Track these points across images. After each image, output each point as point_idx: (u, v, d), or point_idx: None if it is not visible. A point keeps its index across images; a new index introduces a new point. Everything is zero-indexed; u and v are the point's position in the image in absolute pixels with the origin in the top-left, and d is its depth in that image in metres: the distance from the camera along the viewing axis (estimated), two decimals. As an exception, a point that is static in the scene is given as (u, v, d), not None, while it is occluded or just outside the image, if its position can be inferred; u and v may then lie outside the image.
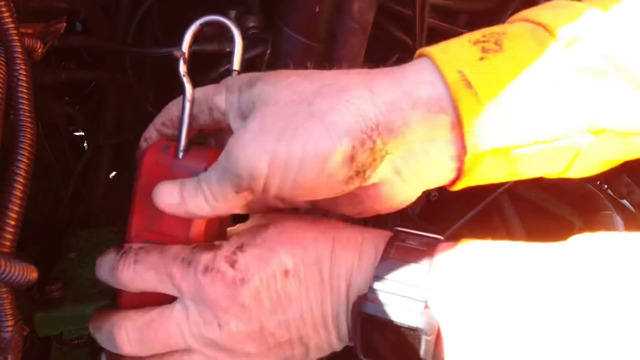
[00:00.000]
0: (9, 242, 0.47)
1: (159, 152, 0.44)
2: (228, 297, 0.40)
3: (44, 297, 0.78)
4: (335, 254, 0.43)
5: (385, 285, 0.39)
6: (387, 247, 0.42)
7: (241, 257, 0.41)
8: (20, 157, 0.48)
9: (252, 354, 0.42)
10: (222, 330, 0.40)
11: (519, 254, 0.38)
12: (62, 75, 0.85)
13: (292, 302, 0.41)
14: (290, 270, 0.41)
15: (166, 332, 0.41)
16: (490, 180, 0.44)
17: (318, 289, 0.42)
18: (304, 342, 0.43)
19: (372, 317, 0.39)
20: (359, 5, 0.65)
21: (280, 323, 0.41)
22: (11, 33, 0.49)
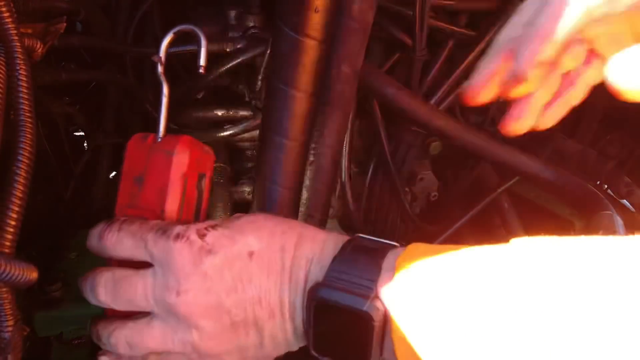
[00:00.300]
0: (9, 242, 0.47)
1: (140, 140, 0.49)
2: (192, 263, 0.42)
3: (44, 297, 0.78)
4: (298, 246, 0.45)
5: (339, 275, 0.41)
6: (345, 245, 0.44)
7: (212, 233, 0.44)
8: (20, 157, 0.48)
9: (206, 331, 0.43)
10: (180, 297, 0.42)
11: (462, 254, 0.39)
12: (62, 75, 0.85)
13: (251, 283, 0.43)
14: (255, 253, 0.44)
15: (134, 290, 0.44)
16: None
17: (278, 275, 0.44)
18: (258, 327, 0.44)
19: (325, 301, 0.40)
20: (359, 5, 0.65)
21: (237, 301, 0.43)
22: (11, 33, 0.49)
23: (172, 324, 0.44)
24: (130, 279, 0.45)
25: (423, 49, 0.82)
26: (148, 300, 0.44)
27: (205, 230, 0.44)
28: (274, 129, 0.63)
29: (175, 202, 0.47)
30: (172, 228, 0.44)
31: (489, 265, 0.37)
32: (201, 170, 0.52)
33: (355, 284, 0.40)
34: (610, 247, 0.35)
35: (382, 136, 0.89)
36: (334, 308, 0.40)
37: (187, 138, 0.49)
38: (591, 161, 1.09)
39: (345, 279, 0.41)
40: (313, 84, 0.62)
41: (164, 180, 0.47)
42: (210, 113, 0.87)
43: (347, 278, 0.41)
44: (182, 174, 0.47)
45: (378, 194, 0.99)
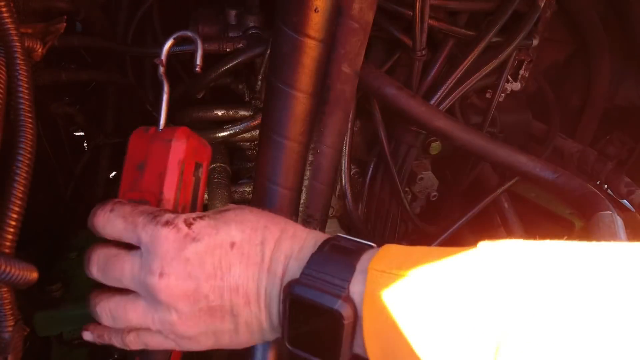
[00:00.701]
0: (9, 242, 0.47)
1: (142, 132, 0.53)
2: (176, 248, 0.45)
3: (44, 297, 0.78)
4: (279, 242, 0.47)
5: (314, 273, 0.43)
6: (323, 244, 0.46)
7: (198, 222, 0.46)
8: (20, 157, 0.48)
9: (183, 313, 0.45)
10: (162, 280, 0.44)
11: (431, 256, 0.40)
12: (62, 75, 0.85)
13: (230, 272, 0.45)
14: (236, 243, 0.46)
15: (120, 269, 0.47)
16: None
17: (257, 267, 0.46)
18: (234, 314, 0.46)
19: (299, 298, 0.42)
20: (359, 5, 0.65)
21: (215, 288, 0.45)
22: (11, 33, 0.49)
23: (154, 304, 0.46)
24: (120, 258, 0.47)
25: (423, 49, 0.82)
26: (132, 281, 0.46)
27: (192, 220, 0.46)
28: (274, 129, 0.63)
29: (173, 185, 0.51)
30: (163, 215, 0.47)
31: (453, 270, 0.38)
32: (198, 160, 0.55)
33: (329, 283, 0.42)
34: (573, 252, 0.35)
35: (382, 136, 0.89)
36: (308, 305, 0.42)
37: (184, 129, 0.52)
38: (591, 161, 1.09)
39: (320, 277, 0.42)
40: (313, 84, 0.62)
41: (163, 165, 0.50)
42: (210, 113, 0.87)
43: (322, 277, 0.42)
44: (179, 160, 0.51)
45: (378, 194, 0.99)
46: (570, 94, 1.24)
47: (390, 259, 0.42)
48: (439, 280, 0.38)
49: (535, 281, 0.34)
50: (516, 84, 1.00)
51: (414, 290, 0.38)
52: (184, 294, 0.45)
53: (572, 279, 0.33)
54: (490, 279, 0.36)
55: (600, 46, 1.12)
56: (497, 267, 0.36)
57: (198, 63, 0.57)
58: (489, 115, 0.95)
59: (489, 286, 0.35)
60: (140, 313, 0.47)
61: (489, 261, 0.37)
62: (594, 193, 0.78)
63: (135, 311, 0.47)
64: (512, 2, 0.84)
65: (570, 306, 0.32)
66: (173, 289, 0.44)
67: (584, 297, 0.32)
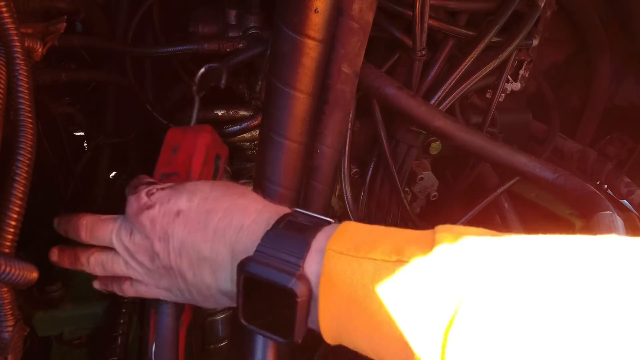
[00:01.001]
0: (9, 242, 0.47)
1: (177, 128, 0.66)
2: (136, 214, 0.52)
3: (44, 297, 0.78)
4: (227, 212, 0.49)
5: (268, 251, 0.43)
6: (279, 220, 0.46)
7: (157, 192, 0.53)
8: (20, 157, 0.49)
9: (147, 267, 0.52)
10: (131, 237, 0.52)
11: (386, 237, 0.42)
12: (62, 75, 0.85)
13: (174, 237, 0.49)
14: (182, 211, 0.50)
15: (104, 230, 0.54)
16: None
17: (199, 235, 0.49)
18: (181, 275, 0.50)
19: (252, 276, 0.43)
20: (359, 5, 0.65)
21: (164, 249, 0.50)
22: (11, 33, 0.49)
23: (128, 258, 0.53)
24: (102, 223, 0.55)
25: (423, 49, 0.82)
26: (112, 240, 0.53)
27: (154, 190, 0.53)
28: (274, 129, 0.63)
29: (199, 163, 0.61)
30: (140, 186, 0.54)
31: (410, 252, 0.39)
32: (219, 152, 0.67)
33: (283, 261, 0.42)
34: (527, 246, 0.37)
35: (382, 136, 0.89)
36: (262, 283, 0.43)
37: (209, 126, 0.66)
38: (591, 161, 1.09)
39: (274, 255, 0.43)
40: (313, 84, 0.62)
41: (192, 148, 0.62)
42: (210, 113, 0.87)
43: (276, 254, 0.43)
44: (205, 145, 0.63)
45: (378, 194, 0.99)
46: (570, 94, 1.24)
47: (348, 239, 0.42)
48: (395, 263, 0.39)
49: (488, 254, 0.36)
50: (516, 84, 1.00)
51: (371, 274, 0.39)
52: (144, 251, 0.51)
53: (520, 255, 0.36)
54: (448, 258, 0.37)
55: (600, 46, 1.12)
56: (454, 247, 0.38)
57: (223, 82, 0.76)
58: (489, 115, 0.95)
59: (446, 265, 0.37)
60: (123, 266, 0.54)
61: (446, 244, 0.38)
62: (594, 193, 0.78)
63: (118, 264, 0.54)
64: (512, 2, 0.84)
65: (518, 277, 0.34)
66: (138, 246, 0.51)
67: (529, 266, 0.34)
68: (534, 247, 0.36)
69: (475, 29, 0.86)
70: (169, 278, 0.52)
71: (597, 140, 1.26)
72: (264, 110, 0.66)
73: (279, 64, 0.61)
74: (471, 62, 0.86)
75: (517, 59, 0.96)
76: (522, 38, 0.87)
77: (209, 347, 0.82)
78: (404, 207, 0.97)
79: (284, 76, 0.61)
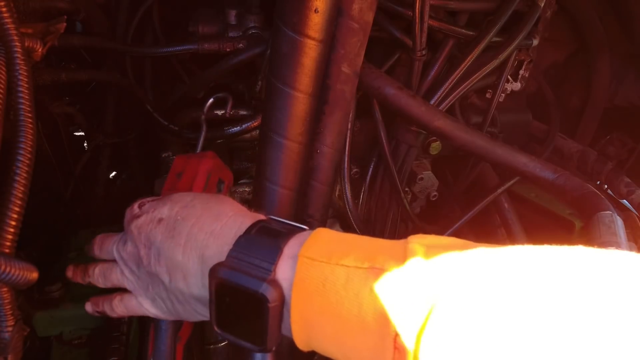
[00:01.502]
0: (9, 242, 0.47)
1: (183, 156, 0.69)
2: (128, 224, 0.55)
3: (44, 297, 0.78)
4: (199, 219, 0.50)
5: (240, 256, 0.43)
6: (251, 227, 0.47)
7: (147, 203, 0.56)
8: (20, 157, 0.49)
9: (135, 273, 0.55)
10: (125, 246, 0.55)
11: (358, 243, 0.42)
12: (62, 75, 0.85)
13: (155, 244, 0.51)
14: (164, 220, 0.52)
15: (109, 243, 0.58)
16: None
17: (173, 241, 0.50)
18: (162, 281, 0.52)
19: (224, 282, 0.43)
20: (359, 5, 0.65)
21: (146, 254, 0.52)
22: (11, 33, 0.49)
23: (122, 266, 0.56)
24: (111, 236, 0.59)
25: (423, 49, 0.82)
26: (114, 253, 0.57)
27: (146, 202, 0.56)
28: (274, 129, 0.63)
29: (199, 188, 0.63)
30: (137, 201, 0.57)
31: (383, 258, 0.39)
32: (222, 177, 0.69)
33: (255, 266, 0.43)
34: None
35: (382, 136, 0.89)
36: (233, 288, 0.43)
37: (212, 153, 0.68)
38: (591, 161, 1.09)
39: (246, 260, 0.43)
40: (313, 84, 0.62)
41: (194, 173, 0.65)
42: (210, 113, 0.87)
43: (248, 259, 0.43)
44: (207, 169, 0.65)
45: (378, 194, 0.99)
46: (570, 94, 1.24)
47: (320, 245, 0.42)
48: (367, 270, 0.39)
49: (459, 264, 0.37)
50: (516, 84, 1.00)
51: (343, 280, 0.39)
52: (133, 257, 0.54)
53: (489, 264, 0.36)
54: (420, 265, 0.37)
55: (600, 46, 1.12)
56: (427, 257, 0.38)
57: (229, 111, 0.82)
58: (489, 115, 0.95)
59: (418, 272, 0.37)
60: (119, 274, 0.57)
61: (419, 254, 0.38)
62: (594, 193, 0.78)
63: (115, 273, 0.57)
64: (512, 2, 0.84)
65: (487, 283, 0.35)
66: (129, 254, 0.54)
67: (497, 274, 0.35)
68: (502, 257, 0.37)
69: (475, 29, 0.86)
70: (153, 284, 0.53)
71: (597, 140, 1.26)
72: (264, 110, 0.66)
73: (279, 64, 0.61)
74: (471, 62, 0.86)
75: (517, 59, 0.96)
76: (522, 38, 0.87)
77: (209, 347, 0.82)
78: (404, 207, 0.97)
79: (284, 76, 0.61)
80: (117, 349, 0.73)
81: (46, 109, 0.91)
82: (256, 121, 0.84)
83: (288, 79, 0.61)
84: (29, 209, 0.49)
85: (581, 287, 0.32)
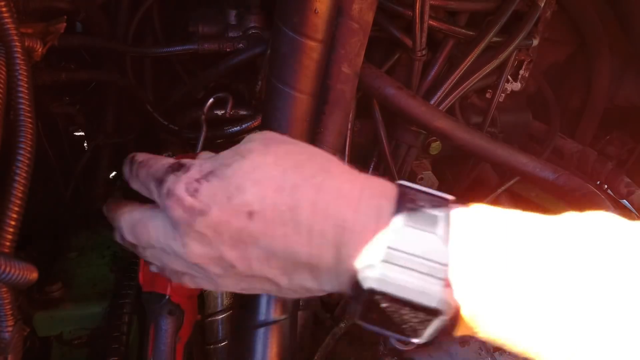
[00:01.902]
0: (9, 242, 0.47)
1: (182, 155, 0.63)
2: (186, 223, 0.40)
3: (44, 297, 0.78)
4: (318, 206, 0.39)
5: (398, 259, 0.35)
6: (396, 211, 0.37)
7: (204, 187, 0.40)
8: (20, 157, 0.48)
9: (220, 275, 0.43)
10: (186, 249, 0.41)
11: (530, 227, 0.37)
12: (62, 75, 0.85)
13: (257, 243, 0.40)
14: (256, 212, 0.39)
15: (147, 233, 0.45)
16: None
17: (292, 238, 0.39)
18: (271, 281, 0.42)
19: (384, 294, 0.35)
20: (359, 6, 0.65)
21: (241, 258, 0.41)
22: (11, 33, 0.49)
23: (182, 269, 0.45)
24: (143, 224, 0.45)
25: (423, 49, 0.82)
26: (161, 243, 0.44)
27: (197, 184, 0.41)
28: (274, 129, 0.63)
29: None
30: (166, 180, 0.42)
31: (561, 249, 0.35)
32: None
33: (421, 273, 0.35)
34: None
35: (382, 136, 0.89)
36: (395, 299, 0.35)
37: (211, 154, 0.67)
38: (591, 161, 1.09)
39: (406, 265, 0.35)
40: (313, 85, 0.62)
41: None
42: (210, 113, 0.87)
43: (409, 264, 0.35)
44: None
45: (378, 194, 0.98)
46: (570, 94, 1.24)
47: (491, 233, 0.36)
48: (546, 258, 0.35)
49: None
50: (516, 84, 1.00)
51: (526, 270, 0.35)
52: (211, 261, 0.41)
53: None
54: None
55: (600, 46, 1.12)
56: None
57: (229, 111, 0.84)
58: (489, 115, 0.95)
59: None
60: (182, 279, 0.46)
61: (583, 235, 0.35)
62: (594, 193, 0.78)
63: (172, 262, 0.45)
64: (512, 2, 0.84)
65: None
66: (199, 257, 0.41)
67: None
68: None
69: (475, 29, 0.86)
70: (251, 284, 0.44)
71: (597, 140, 1.26)
72: (264, 111, 0.66)
73: (279, 64, 0.61)
74: (471, 62, 0.86)
75: (517, 59, 0.96)
76: (522, 38, 0.87)
77: (209, 347, 0.82)
78: (404, 207, 0.97)
79: (284, 76, 0.61)
80: (117, 349, 0.72)
81: (46, 109, 0.91)
82: (256, 121, 0.84)
83: (288, 79, 0.61)
84: (29, 209, 0.49)
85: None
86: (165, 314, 0.60)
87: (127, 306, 0.76)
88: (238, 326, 0.60)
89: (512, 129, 1.04)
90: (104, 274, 0.84)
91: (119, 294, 0.77)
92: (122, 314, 0.75)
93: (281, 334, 0.60)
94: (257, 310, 0.59)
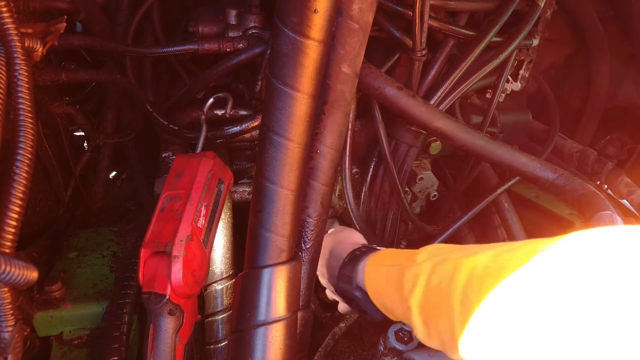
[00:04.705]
0: (9, 242, 0.47)
1: (183, 156, 0.71)
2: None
3: (44, 297, 0.78)
4: (336, 249, 0.80)
5: (343, 271, 0.76)
6: (350, 253, 0.76)
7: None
8: (20, 157, 0.49)
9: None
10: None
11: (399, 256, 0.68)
12: (62, 75, 0.85)
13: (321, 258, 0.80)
14: (328, 248, 0.82)
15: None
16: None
17: (323, 260, 0.82)
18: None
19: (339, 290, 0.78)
20: (359, 6, 0.65)
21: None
22: (11, 33, 0.49)
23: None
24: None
25: (423, 49, 0.82)
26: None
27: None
28: (274, 129, 0.63)
29: (200, 186, 0.67)
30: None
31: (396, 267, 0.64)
32: (222, 177, 0.72)
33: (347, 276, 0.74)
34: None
35: (382, 136, 0.89)
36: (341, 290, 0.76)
37: (212, 153, 0.71)
38: (591, 161, 1.09)
39: (345, 273, 0.74)
40: (313, 84, 0.62)
41: (194, 173, 0.67)
42: (211, 113, 0.87)
43: (344, 272, 0.75)
44: (207, 170, 0.68)
45: (378, 194, 0.99)
46: (570, 94, 1.24)
47: (377, 258, 0.71)
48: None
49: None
50: (516, 84, 1.00)
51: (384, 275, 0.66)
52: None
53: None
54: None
55: (600, 46, 1.12)
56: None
57: (229, 111, 0.86)
58: (489, 115, 0.95)
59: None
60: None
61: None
62: (594, 193, 0.78)
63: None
64: (512, 2, 0.84)
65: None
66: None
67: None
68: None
69: (475, 29, 0.86)
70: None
71: (597, 140, 1.26)
72: (263, 110, 0.66)
73: (279, 64, 0.61)
74: (471, 62, 0.86)
75: (517, 59, 0.97)
76: (522, 38, 0.87)
77: (209, 347, 0.82)
78: (404, 207, 0.97)
79: (284, 76, 0.61)
80: (117, 349, 0.72)
81: (46, 109, 0.91)
82: (256, 121, 0.84)
83: (288, 79, 0.61)
84: (29, 209, 0.49)
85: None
86: (165, 314, 0.60)
87: (127, 306, 0.76)
88: (238, 326, 0.60)
89: (512, 129, 1.04)
90: (104, 274, 0.84)
91: (119, 294, 0.77)
92: (122, 314, 0.75)
93: (281, 334, 0.60)
94: (257, 310, 0.59)
